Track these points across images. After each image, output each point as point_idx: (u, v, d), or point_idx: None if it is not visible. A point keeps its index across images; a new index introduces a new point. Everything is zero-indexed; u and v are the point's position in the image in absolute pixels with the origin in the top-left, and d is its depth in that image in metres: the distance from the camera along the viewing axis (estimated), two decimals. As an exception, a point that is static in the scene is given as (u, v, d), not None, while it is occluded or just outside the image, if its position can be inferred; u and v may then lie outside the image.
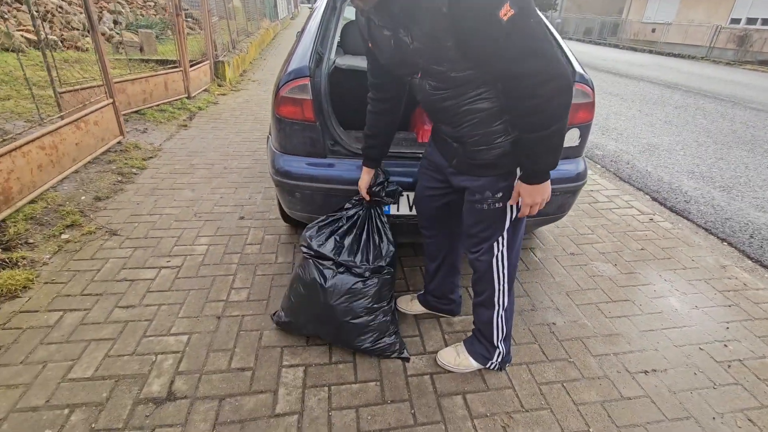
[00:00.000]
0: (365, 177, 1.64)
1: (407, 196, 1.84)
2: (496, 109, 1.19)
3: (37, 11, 2.90)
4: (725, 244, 2.75)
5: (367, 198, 1.64)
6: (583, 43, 21.03)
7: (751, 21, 16.21)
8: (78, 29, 7.42)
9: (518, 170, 1.27)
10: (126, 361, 1.59)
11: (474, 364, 1.61)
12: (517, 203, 1.32)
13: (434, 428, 1.40)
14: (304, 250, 1.60)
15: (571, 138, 1.87)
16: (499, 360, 1.59)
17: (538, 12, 1.07)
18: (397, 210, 1.88)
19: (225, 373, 1.57)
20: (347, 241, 1.59)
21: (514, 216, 1.37)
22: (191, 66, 5.42)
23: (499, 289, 1.49)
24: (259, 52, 10.68)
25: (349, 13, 2.78)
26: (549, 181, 1.24)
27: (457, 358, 1.62)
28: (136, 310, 1.85)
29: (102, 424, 1.36)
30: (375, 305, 1.58)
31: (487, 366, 1.61)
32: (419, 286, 2.11)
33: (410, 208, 1.89)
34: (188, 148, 3.87)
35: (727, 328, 1.93)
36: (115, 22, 8.45)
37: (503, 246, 1.41)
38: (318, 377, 1.57)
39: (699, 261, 2.46)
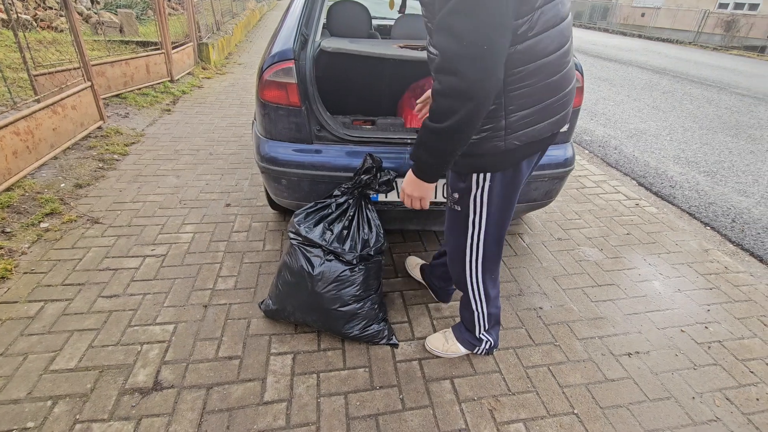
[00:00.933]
0: None
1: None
2: None
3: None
4: (708, 228, 2.80)
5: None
6: (574, 27, 20.89)
7: (738, 6, 16.29)
8: (53, 8, 7.11)
9: (475, 178, 1.19)
10: (110, 352, 1.57)
11: (462, 350, 1.62)
12: (480, 214, 1.27)
13: (422, 413, 1.42)
14: (292, 236, 1.58)
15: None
16: (487, 347, 1.61)
17: None
18: (386, 197, 1.86)
19: (212, 361, 1.56)
20: (336, 228, 1.57)
21: (477, 228, 1.28)
22: (174, 48, 5.24)
23: (474, 299, 1.48)
24: (245, 34, 10.39)
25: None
26: (431, 186, 1.13)
27: (445, 344, 1.63)
28: (120, 299, 1.82)
29: (87, 416, 1.34)
30: (363, 293, 1.57)
31: (475, 351, 1.62)
32: (408, 272, 2.11)
33: (398, 195, 1.87)
34: (172, 133, 3.77)
35: (708, 310, 1.97)
36: (93, 1, 8.12)
37: (476, 260, 1.37)
38: (306, 364, 1.57)
39: (683, 245, 2.50)
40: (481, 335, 1.58)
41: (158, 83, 4.91)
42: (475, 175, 1.20)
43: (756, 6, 15.57)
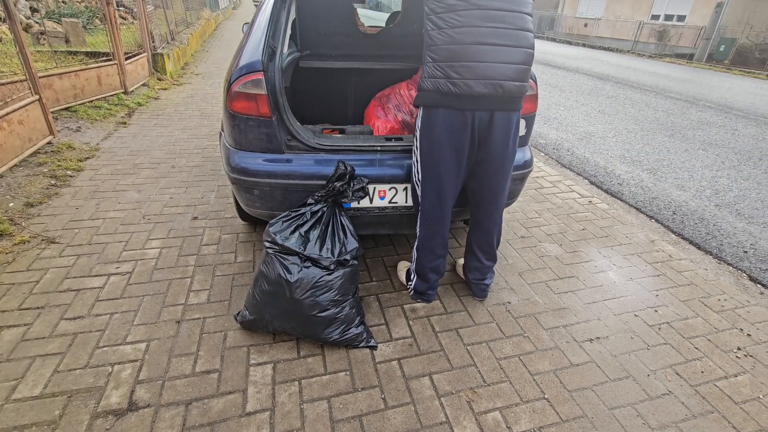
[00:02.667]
0: None
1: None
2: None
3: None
4: (653, 221, 3.06)
5: None
6: (524, 37, 21.95)
7: (668, 17, 17.77)
8: (-12, 17, 6.63)
9: (418, 112, 1.66)
10: (79, 375, 1.50)
11: (403, 279, 2.07)
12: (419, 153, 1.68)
13: (404, 410, 1.47)
14: (268, 245, 1.59)
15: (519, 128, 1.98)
16: (412, 287, 1.94)
17: None
18: (358, 203, 1.90)
19: (190, 377, 1.53)
20: (312, 235, 1.60)
21: (416, 162, 1.71)
22: (127, 59, 5.05)
23: (416, 221, 1.84)
24: (201, 44, 10.14)
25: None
26: None
27: (402, 269, 2.11)
28: (86, 320, 1.74)
29: (57, 443, 1.28)
30: (341, 298, 1.60)
31: (407, 287, 2.01)
32: (382, 276, 2.17)
33: (370, 201, 1.92)
34: (129, 146, 3.63)
35: (657, 295, 2.16)
36: (33, 10, 7.65)
37: (417, 190, 1.76)
38: (287, 372, 1.57)
39: (632, 237, 2.72)
40: (412, 271, 1.94)
41: (111, 95, 4.71)
42: (419, 110, 1.65)
43: (683, 17, 17.07)
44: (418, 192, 1.77)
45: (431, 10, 1.49)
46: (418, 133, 1.68)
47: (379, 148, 1.88)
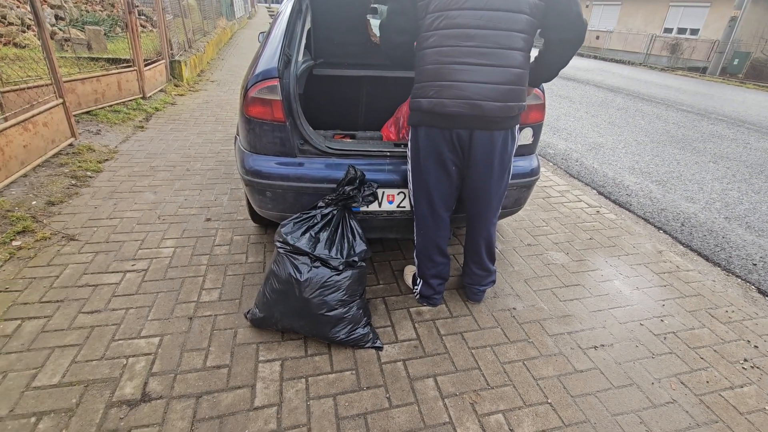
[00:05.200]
0: None
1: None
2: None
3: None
4: (661, 231, 3.05)
5: None
6: (536, 48, 22.05)
7: (681, 31, 17.72)
8: (15, 24, 6.91)
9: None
10: (95, 366, 1.56)
11: (410, 283, 2.09)
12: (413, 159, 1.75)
13: (408, 409, 1.49)
14: (279, 245, 1.64)
15: (525, 136, 2.02)
16: (418, 291, 1.98)
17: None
18: (367, 207, 1.95)
19: (201, 371, 1.58)
20: (322, 236, 1.65)
21: (410, 174, 1.78)
22: (146, 65, 5.21)
23: (413, 229, 1.90)
24: (217, 52, 10.39)
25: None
26: None
27: (409, 273, 2.13)
28: (102, 314, 1.81)
29: (73, 430, 1.33)
30: (349, 298, 1.64)
31: (413, 291, 2.04)
32: (389, 279, 2.20)
33: (379, 205, 1.97)
34: (146, 149, 3.74)
35: (663, 305, 2.16)
36: (58, 18, 7.93)
37: (411, 192, 1.81)
38: (295, 370, 1.61)
39: (639, 247, 2.72)
40: (417, 277, 1.98)
41: (130, 100, 4.86)
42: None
43: (697, 31, 17.01)
44: (411, 201, 1.83)
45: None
46: (409, 145, 1.76)
47: (388, 154, 1.93)
